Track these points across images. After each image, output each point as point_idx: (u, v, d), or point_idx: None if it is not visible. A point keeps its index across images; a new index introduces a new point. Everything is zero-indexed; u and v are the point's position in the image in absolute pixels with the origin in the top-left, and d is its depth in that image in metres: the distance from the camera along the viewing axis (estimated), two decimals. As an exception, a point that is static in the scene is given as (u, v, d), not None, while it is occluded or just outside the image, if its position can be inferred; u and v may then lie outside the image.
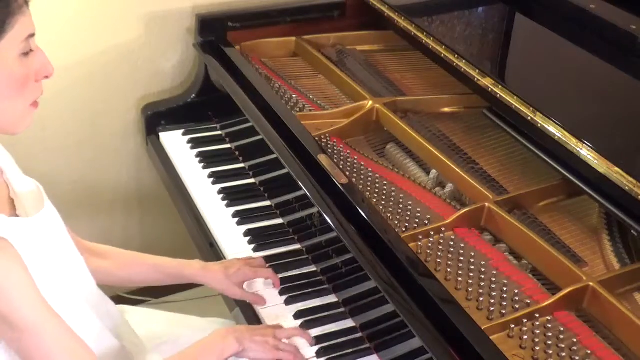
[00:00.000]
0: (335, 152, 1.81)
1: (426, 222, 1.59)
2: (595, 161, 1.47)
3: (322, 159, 1.67)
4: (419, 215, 1.62)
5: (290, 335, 1.49)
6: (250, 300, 1.63)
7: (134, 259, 1.62)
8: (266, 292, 1.65)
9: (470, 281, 1.46)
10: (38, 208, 1.32)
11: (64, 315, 1.24)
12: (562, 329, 1.36)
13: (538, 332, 1.35)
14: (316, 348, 1.50)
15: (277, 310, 1.61)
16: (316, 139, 1.79)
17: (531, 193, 1.66)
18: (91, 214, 2.41)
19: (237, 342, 1.42)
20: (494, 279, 1.47)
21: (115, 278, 1.58)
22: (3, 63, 1.14)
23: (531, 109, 1.61)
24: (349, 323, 1.56)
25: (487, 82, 1.72)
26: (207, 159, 2.05)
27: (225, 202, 1.91)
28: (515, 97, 1.65)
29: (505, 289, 1.44)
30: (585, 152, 1.49)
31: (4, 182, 1.30)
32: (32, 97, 1.21)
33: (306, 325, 1.56)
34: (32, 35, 1.17)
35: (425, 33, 1.93)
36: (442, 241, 1.55)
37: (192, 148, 2.10)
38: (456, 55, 1.82)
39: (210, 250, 1.82)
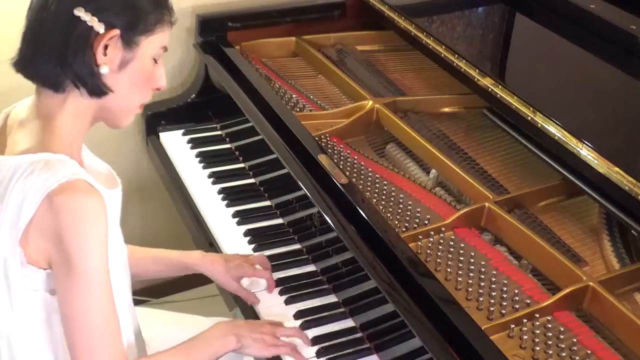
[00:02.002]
0: (335, 152, 1.81)
1: (426, 222, 1.59)
2: (595, 161, 1.47)
3: (322, 159, 1.67)
4: (419, 215, 1.62)
5: (289, 335, 1.50)
6: (244, 296, 1.63)
7: (136, 252, 1.62)
8: (266, 292, 1.65)
9: (470, 281, 1.46)
10: (111, 186, 1.38)
11: (112, 284, 1.27)
12: (562, 329, 1.36)
13: (538, 332, 1.35)
14: (316, 348, 1.50)
15: (277, 310, 1.61)
16: (316, 139, 1.79)
17: (531, 193, 1.66)
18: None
19: (236, 339, 1.43)
20: (494, 279, 1.47)
21: None
22: (142, 56, 1.29)
23: (531, 109, 1.61)
24: (349, 323, 1.56)
25: (487, 82, 1.73)
26: (207, 159, 2.05)
27: (225, 202, 1.91)
28: (515, 97, 1.65)
29: (505, 289, 1.44)
30: (585, 152, 1.49)
31: (81, 158, 1.36)
32: (144, 99, 1.35)
33: (306, 325, 1.56)
34: (165, 49, 1.34)
35: (425, 33, 1.93)
36: (442, 241, 1.55)
37: (192, 148, 2.10)
38: (456, 55, 1.82)
39: (210, 250, 1.82)
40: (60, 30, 1.23)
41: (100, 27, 1.22)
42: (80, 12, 1.21)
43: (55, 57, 1.23)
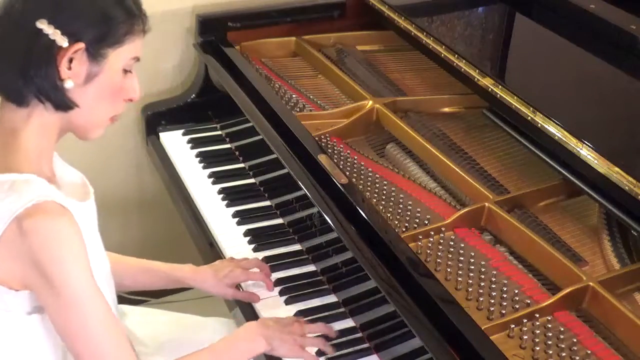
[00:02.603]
0: (335, 152, 1.81)
1: (426, 222, 1.59)
2: (595, 161, 1.47)
3: (322, 159, 1.67)
4: (419, 215, 1.62)
5: (317, 332, 1.49)
6: (243, 298, 1.63)
7: (125, 263, 1.61)
8: (266, 292, 1.65)
9: (470, 281, 1.46)
10: (84, 198, 1.36)
11: None
12: (562, 329, 1.36)
13: (538, 332, 1.35)
14: (317, 348, 1.49)
15: (277, 310, 1.61)
16: (316, 139, 1.79)
17: (531, 193, 1.66)
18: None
19: (265, 342, 1.43)
20: (494, 279, 1.47)
21: None
22: (110, 68, 1.24)
23: (531, 109, 1.61)
24: (349, 323, 1.56)
25: (487, 82, 1.73)
26: (207, 159, 2.05)
27: (225, 202, 1.91)
28: (515, 97, 1.65)
29: (505, 289, 1.44)
30: (585, 152, 1.49)
31: (52, 169, 1.34)
32: (114, 111, 1.31)
33: (306, 325, 1.56)
34: (138, 59, 1.29)
35: (425, 33, 1.93)
36: (442, 241, 1.55)
37: (192, 148, 2.10)
38: (456, 55, 1.82)
39: (210, 250, 1.82)
40: (22, 41, 1.18)
41: (63, 41, 1.17)
42: (42, 25, 1.16)
43: (18, 69, 1.19)
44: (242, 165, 2.04)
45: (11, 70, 1.20)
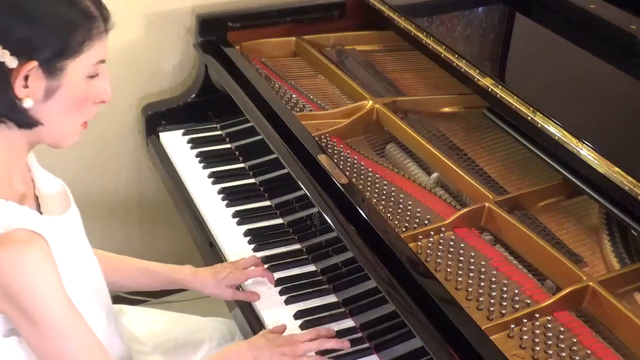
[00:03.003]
0: (335, 152, 1.81)
1: (426, 222, 1.59)
2: (595, 161, 1.47)
3: (322, 159, 1.67)
4: (419, 215, 1.62)
5: (310, 351, 1.45)
6: (244, 298, 1.63)
7: (123, 264, 1.61)
8: (266, 292, 1.65)
9: (470, 281, 1.46)
10: (64, 208, 1.34)
11: (81, 309, 1.25)
12: (562, 329, 1.36)
13: (538, 332, 1.35)
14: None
15: (277, 310, 1.61)
16: (316, 139, 1.79)
17: (531, 193, 1.66)
18: (90, 215, 2.40)
19: None
20: (494, 279, 1.47)
21: None
22: (70, 80, 1.19)
23: (531, 109, 1.61)
24: (349, 323, 1.56)
25: (487, 82, 1.72)
26: (207, 159, 2.05)
27: (225, 202, 1.91)
28: (515, 97, 1.65)
29: (505, 289, 1.44)
30: (585, 152, 1.49)
31: (31, 180, 1.32)
32: (85, 117, 1.26)
33: (306, 326, 1.55)
34: (103, 61, 1.23)
35: (425, 33, 1.93)
36: (442, 241, 1.55)
37: (192, 148, 2.10)
38: (456, 55, 1.82)
39: (210, 250, 1.82)
40: None
41: (12, 62, 1.13)
42: None
43: None
44: (242, 165, 2.04)
45: None
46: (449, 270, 1.49)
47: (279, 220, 1.85)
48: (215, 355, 1.47)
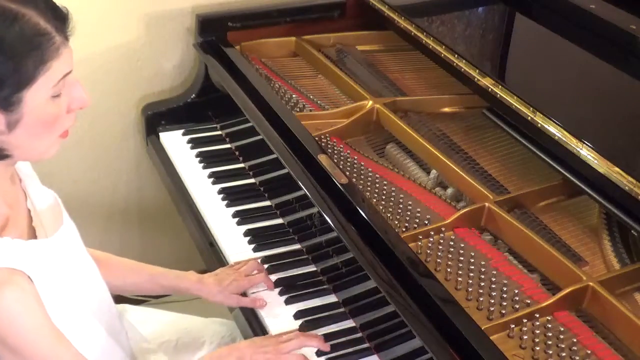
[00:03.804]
0: (335, 152, 1.81)
1: (426, 222, 1.59)
2: (595, 161, 1.47)
3: (322, 159, 1.67)
4: (419, 215, 1.62)
5: (293, 349, 1.45)
6: (249, 305, 1.62)
7: (129, 268, 1.61)
8: (266, 292, 1.65)
9: (470, 281, 1.46)
10: (57, 224, 1.32)
11: (74, 332, 1.25)
12: (562, 329, 1.36)
13: (538, 332, 1.35)
14: (316, 348, 1.49)
15: (277, 310, 1.61)
16: (316, 139, 1.79)
17: (531, 193, 1.66)
18: (90, 215, 2.41)
19: None
20: (494, 279, 1.47)
21: (108, 286, 1.52)
22: (32, 107, 1.12)
23: (531, 109, 1.61)
24: (349, 323, 1.56)
25: (487, 82, 1.72)
26: (207, 159, 2.05)
27: (225, 202, 1.91)
28: (515, 97, 1.65)
29: (505, 289, 1.44)
30: (585, 152, 1.49)
31: (24, 197, 1.29)
32: (61, 130, 1.21)
33: (306, 325, 1.56)
34: (68, 73, 1.16)
35: (425, 33, 1.93)
36: (442, 241, 1.55)
37: (192, 148, 2.10)
38: (456, 55, 1.82)
39: (210, 250, 1.82)
40: None
41: None
42: None
43: None
44: (242, 165, 2.04)
45: None
46: (449, 270, 1.49)
47: (279, 220, 1.85)
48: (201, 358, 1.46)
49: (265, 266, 1.69)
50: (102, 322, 1.40)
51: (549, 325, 1.38)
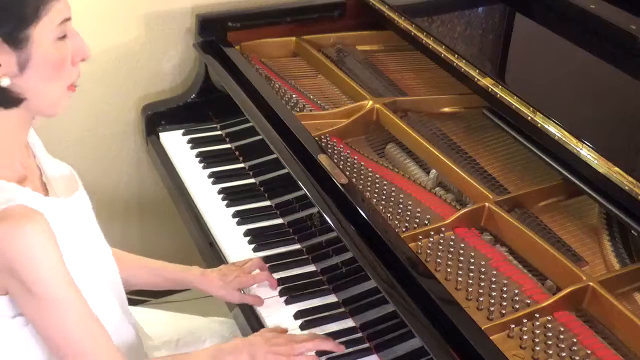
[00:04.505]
0: (335, 152, 1.81)
1: (426, 222, 1.59)
2: (595, 161, 1.47)
3: (322, 159, 1.67)
4: (419, 215, 1.62)
5: (307, 350, 1.45)
6: (249, 302, 1.63)
7: (133, 262, 1.61)
8: (266, 292, 1.65)
9: (470, 281, 1.46)
10: (71, 191, 1.35)
11: (88, 298, 1.25)
12: (562, 329, 1.36)
13: (538, 332, 1.35)
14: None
15: (277, 310, 1.61)
16: (316, 139, 1.79)
17: (531, 193, 1.66)
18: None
19: (250, 358, 1.41)
20: (494, 279, 1.47)
21: None
22: (40, 47, 1.17)
23: (531, 109, 1.61)
24: (349, 323, 1.56)
25: (487, 82, 1.72)
26: (207, 159, 2.05)
27: (225, 202, 1.91)
28: (515, 97, 1.65)
29: (505, 289, 1.44)
30: (585, 152, 1.49)
31: (36, 165, 1.33)
32: (69, 80, 1.25)
33: (306, 325, 1.56)
34: (68, 19, 1.21)
35: (425, 33, 1.93)
36: (442, 241, 1.55)
37: (192, 148, 2.10)
38: (456, 55, 1.82)
39: (210, 250, 1.82)
40: None
41: None
42: None
43: None
44: (242, 165, 2.04)
45: None
46: (449, 270, 1.49)
47: (279, 220, 1.85)
48: (212, 347, 1.46)
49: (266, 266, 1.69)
50: (115, 297, 1.42)
51: (549, 325, 1.38)
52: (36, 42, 1.17)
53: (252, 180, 1.98)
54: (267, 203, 1.90)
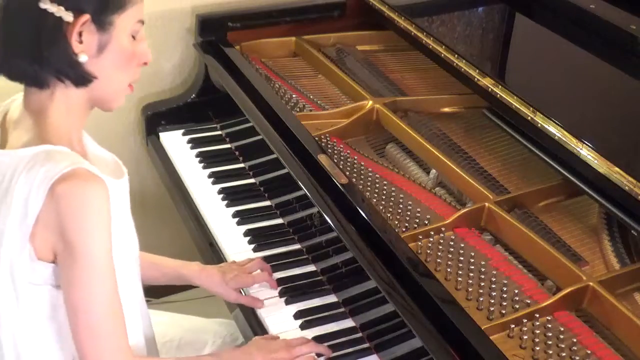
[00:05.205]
0: (335, 152, 1.81)
1: (426, 222, 1.59)
2: (595, 161, 1.47)
3: (322, 159, 1.67)
4: (419, 215, 1.62)
5: (304, 354, 1.46)
6: (247, 303, 1.63)
7: None
8: (266, 292, 1.65)
9: (470, 281, 1.46)
10: (118, 175, 1.37)
11: (121, 279, 1.27)
12: (562, 329, 1.36)
13: (538, 332, 1.35)
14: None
15: (278, 311, 1.61)
16: (316, 139, 1.79)
17: (531, 193, 1.66)
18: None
19: None
20: (494, 279, 1.47)
21: None
22: (118, 35, 1.24)
23: (531, 109, 1.61)
24: (349, 323, 1.56)
25: (487, 82, 1.73)
26: (207, 159, 2.05)
27: (225, 202, 1.91)
28: (515, 97, 1.65)
29: (505, 289, 1.44)
30: (585, 152, 1.49)
31: (85, 151, 1.35)
32: (131, 77, 1.31)
33: (306, 325, 1.56)
34: (142, 21, 1.29)
35: (425, 33, 1.93)
36: (442, 241, 1.55)
37: (192, 148, 2.10)
38: (456, 55, 1.82)
39: (210, 250, 1.82)
40: (29, 25, 1.20)
41: (68, 16, 1.18)
42: (46, 4, 1.17)
43: (30, 54, 1.21)
44: (242, 165, 2.04)
45: (25, 56, 1.21)
46: (449, 270, 1.49)
47: (279, 220, 1.85)
48: (208, 356, 1.47)
49: (266, 267, 1.69)
50: (140, 283, 1.43)
51: (549, 325, 1.38)
52: (117, 29, 1.23)
53: (252, 180, 1.98)
54: (267, 203, 1.90)
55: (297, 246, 1.77)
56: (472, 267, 1.49)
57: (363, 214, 1.52)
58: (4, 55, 1.23)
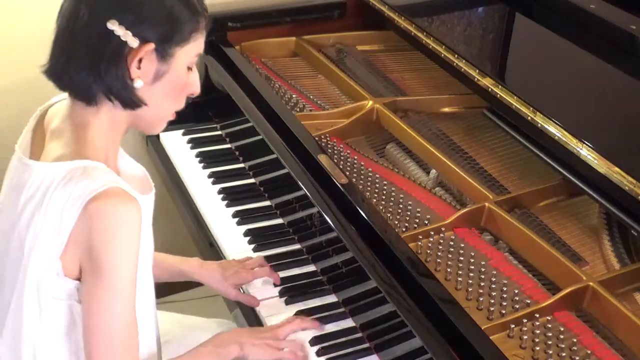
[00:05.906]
0: (335, 152, 1.81)
1: (426, 222, 1.59)
2: (595, 161, 1.47)
3: (322, 159, 1.67)
4: (419, 215, 1.62)
5: (290, 332, 1.49)
6: (244, 301, 1.63)
7: None
8: (266, 292, 1.65)
9: (470, 281, 1.46)
10: (147, 191, 1.37)
11: (138, 287, 1.27)
12: (562, 329, 1.36)
13: (538, 332, 1.35)
14: (316, 348, 1.50)
15: (277, 311, 1.61)
16: (316, 139, 1.79)
17: (531, 193, 1.66)
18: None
19: (238, 347, 1.43)
20: (494, 279, 1.47)
21: None
22: (176, 67, 1.26)
23: (531, 109, 1.61)
24: (349, 323, 1.56)
25: (487, 82, 1.73)
26: (207, 159, 2.05)
27: (225, 202, 1.91)
28: (515, 97, 1.65)
29: (505, 289, 1.44)
30: (585, 152, 1.49)
31: (118, 167, 1.36)
32: (178, 106, 1.34)
33: (306, 325, 1.56)
34: (199, 54, 1.31)
35: (425, 33, 1.93)
36: (442, 241, 1.55)
37: (192, 148, 2.10)
38: (456, 55, 1.82)
39: (210, 250, 1.82)
40: (92, 42, 1.20)
41: (134, 42, 1.20)
42: (114, 26, 1.18)
43: (88, 69, 1.21)
44: (242, 165, 2.04)
45: (82, 70, 1.22)
46: (449, 270, 1.49)
47: (279, 220, 1.85)
48: (202, 344, 1.47)
49: (267, 266, 1.69)
50: (153, 293, 1.43)
51: (549, 325, 1.38)
52: (176, 61, 1.26)
53: (252, 180, 1.98)
54: (267, 203, 1.90)
55: (297, 246, 1.77)
56: (472, 267, 1.49)
57: (363, 214, 1.52)
58: (64, 63, 1.23)
